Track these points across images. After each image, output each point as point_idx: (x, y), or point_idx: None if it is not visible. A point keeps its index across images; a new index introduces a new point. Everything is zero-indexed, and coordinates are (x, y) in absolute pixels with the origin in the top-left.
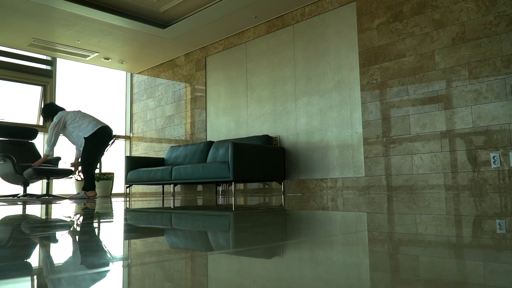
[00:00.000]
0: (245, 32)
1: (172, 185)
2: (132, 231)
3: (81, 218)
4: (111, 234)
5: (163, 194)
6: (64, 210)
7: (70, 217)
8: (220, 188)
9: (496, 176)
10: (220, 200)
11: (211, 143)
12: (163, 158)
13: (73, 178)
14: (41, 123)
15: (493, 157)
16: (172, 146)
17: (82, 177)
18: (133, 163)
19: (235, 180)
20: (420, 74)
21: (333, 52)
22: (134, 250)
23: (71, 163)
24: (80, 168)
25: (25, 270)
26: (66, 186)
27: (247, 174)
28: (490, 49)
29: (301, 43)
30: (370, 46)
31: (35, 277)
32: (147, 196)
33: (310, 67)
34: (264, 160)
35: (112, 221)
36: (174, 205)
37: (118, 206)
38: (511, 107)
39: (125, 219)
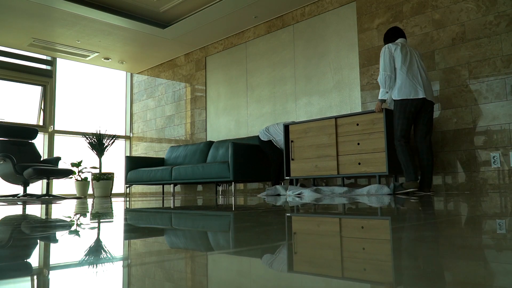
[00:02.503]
0: (245, 32)
1: (172, 185)
2: (132, 231)
3: (81, 218)
4: (111, 234)
5: (163, 194)
6: (64, 210)
7: (70, 217)
8: (220, 188)
9: (496, 176)
10: (220, 200)
11: (211, 143)
12: (163, 158)
13: (73, 178)
14: (41, 123)
15: (493, 157)
16: (172, 146)
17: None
18: (133, 163)
19: (235, 180)
20: None
21: (333, 52)
22: (134, 250)
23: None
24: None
25: (25, 270)
26: (66, 186)
27: (247, 174)
28: (490, 49)
29: (301, 43)
30: (370, 46)
31: (35, 277)
32: (147, 196)
33: (310, 67)
34: (264, 160)
35: (112, 221)
36: (174, 205)
37: (118, 206)
38: (511, 107)
39: (125, 219)
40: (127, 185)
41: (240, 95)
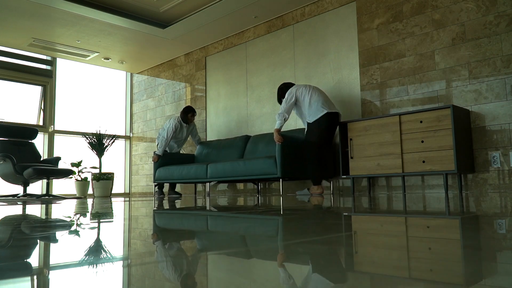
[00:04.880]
0: (245, 32)
1: (207, 184)
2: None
3: (81, 218)
4: (111, 235)
5: (195, 193)
6: (64, 210)
7: (70, 217)
8: (255, 187)
9: (496, 176)
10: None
11: (248, 137)
12: (193, 155)
13: (73, 178)
14: (41, 123)
15: (493, 157)
16: (202, 142)
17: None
18: (162, 160)
19: (283, 177)
20: (420, 74)
21: (333, 52)
22: (134, 250)
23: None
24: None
25: (25, 270)
26: (66, 186)
27: (295, 170)
28: (490, 49)
29: (301, 43)
30: (370, 46)
31: (35, 277)
32: (146, 196)
33: (310, 67)
34: (310, 155)
35: (112, 221)
36: (211, 205)
37: (118, 206)
38: (511, 107)
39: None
40: (155, 184)
41: (240, 95)
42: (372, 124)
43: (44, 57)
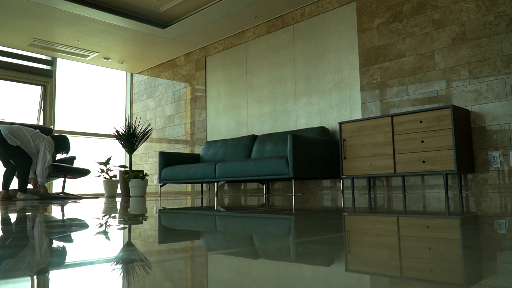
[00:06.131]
0: (245, 32)
1: (215, 183)
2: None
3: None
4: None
5: (201, 194)
6: (70, 210)
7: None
8: (258, 186)
9: (496, 176)
10: (261, 200)
11: (254, 137)
12: (199, 155)
13: (102, 177)
14: (41, 123)
15: (493, 157)
16: (208, 142)
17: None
18: (167, 160)
19: (295, 177)
20: (420, 74)
21: (333, 52)
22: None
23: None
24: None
25: (25, 270)
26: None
27: (307, 170)
28: (490, 49)
29: (301, 43)
30: (370, 46)
31: (35, 277)
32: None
33: (310, 67)
34: (322, 155)
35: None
36: (220, 205)
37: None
38: (511, 107)
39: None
40: (161, 184)
41: (240, 95)
42: (366, 125)
43: (44, 57)
